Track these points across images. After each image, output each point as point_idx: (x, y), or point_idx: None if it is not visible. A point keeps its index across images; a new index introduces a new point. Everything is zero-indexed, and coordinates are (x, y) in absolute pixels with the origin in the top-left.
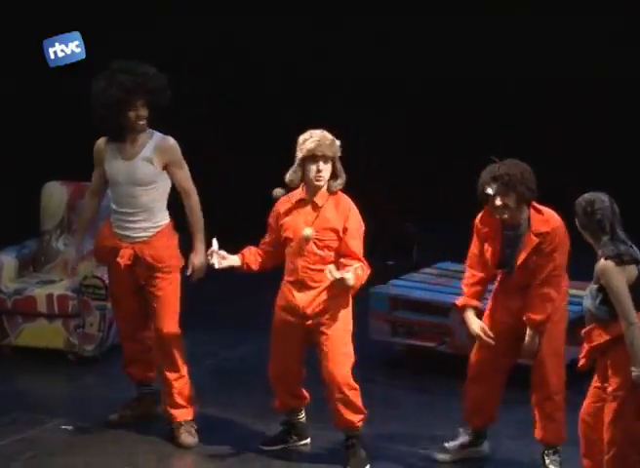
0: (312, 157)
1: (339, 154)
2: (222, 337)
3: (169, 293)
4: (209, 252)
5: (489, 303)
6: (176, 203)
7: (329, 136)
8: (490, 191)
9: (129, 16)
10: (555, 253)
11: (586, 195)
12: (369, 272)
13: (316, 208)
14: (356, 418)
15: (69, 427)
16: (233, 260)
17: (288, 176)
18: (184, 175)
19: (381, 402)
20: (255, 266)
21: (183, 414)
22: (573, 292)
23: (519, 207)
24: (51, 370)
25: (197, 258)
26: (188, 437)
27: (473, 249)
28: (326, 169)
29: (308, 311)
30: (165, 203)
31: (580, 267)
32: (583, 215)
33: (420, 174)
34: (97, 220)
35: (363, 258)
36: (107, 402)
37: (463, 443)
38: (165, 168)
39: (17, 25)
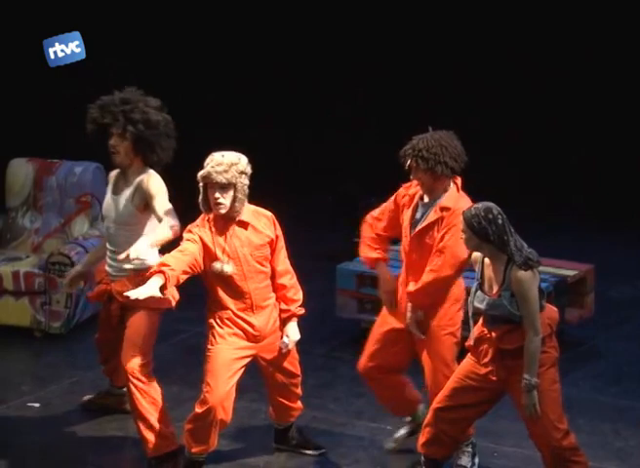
0: (208, 184)
1: (241, 179)
2: (194, 313)
3: (136, 327)
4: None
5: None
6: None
7: (227, 160)
8: (408, 164)
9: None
10: (449, 232)
11: (477, 206)
12: (295, 280)
13: (245, 225)
14: (300, 404)
15: (35, 404)
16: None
17: (200, 204)
18: (158, 204)
19: (348, 379)
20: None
21: (150, 450)
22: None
23: (437, 181)
24: (17, 347)
25: (136, 246)
26: None
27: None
28: (225, 195)
29: (266, 332)
30: None
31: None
32: (487, 224)
33: (384, 149)
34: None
35: (291, 270)
36: (74, 379)
37: (408, 431)
38: (147, 207)
39: (17, 25)
